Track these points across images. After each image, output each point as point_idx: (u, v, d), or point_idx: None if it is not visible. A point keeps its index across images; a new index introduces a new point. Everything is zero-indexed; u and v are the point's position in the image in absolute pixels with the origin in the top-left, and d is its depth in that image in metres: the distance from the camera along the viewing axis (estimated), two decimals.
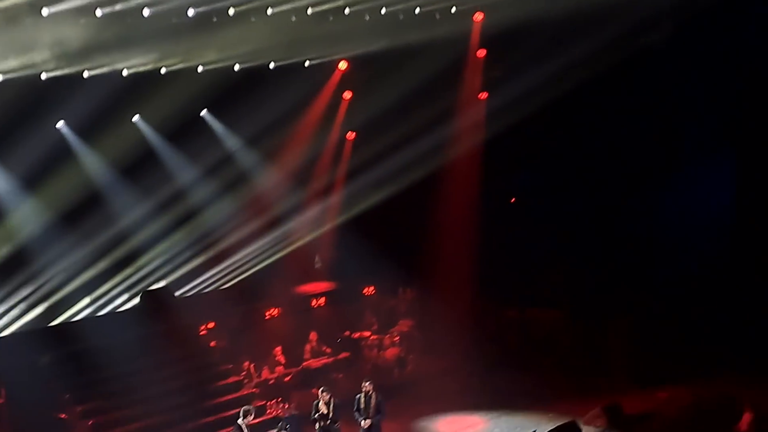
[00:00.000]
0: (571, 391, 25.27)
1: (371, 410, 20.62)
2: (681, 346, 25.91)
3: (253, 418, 19.88)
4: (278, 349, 26.35)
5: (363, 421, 20.59)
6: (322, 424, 20.54)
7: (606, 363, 26.47)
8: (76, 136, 24.36)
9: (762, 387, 22.84)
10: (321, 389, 20.87)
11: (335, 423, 20.59)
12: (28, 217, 23.82)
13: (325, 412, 20.48)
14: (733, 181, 27.24)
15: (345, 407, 20.79)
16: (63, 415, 21.69)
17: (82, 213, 24.26)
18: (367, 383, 20.89)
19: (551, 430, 21.74)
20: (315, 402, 20.73)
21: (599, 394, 24.11)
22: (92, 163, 24.78)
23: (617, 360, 26.30)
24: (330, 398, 20.57)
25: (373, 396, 20.72)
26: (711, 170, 27.31)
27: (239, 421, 19.36)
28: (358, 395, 20.78)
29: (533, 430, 21.93)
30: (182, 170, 26.31)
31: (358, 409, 20.69)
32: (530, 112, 26.49)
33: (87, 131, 24.14)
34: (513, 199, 30.48)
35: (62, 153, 23.95)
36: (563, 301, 28.20)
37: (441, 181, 28.93)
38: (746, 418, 20.27)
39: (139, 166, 25.09)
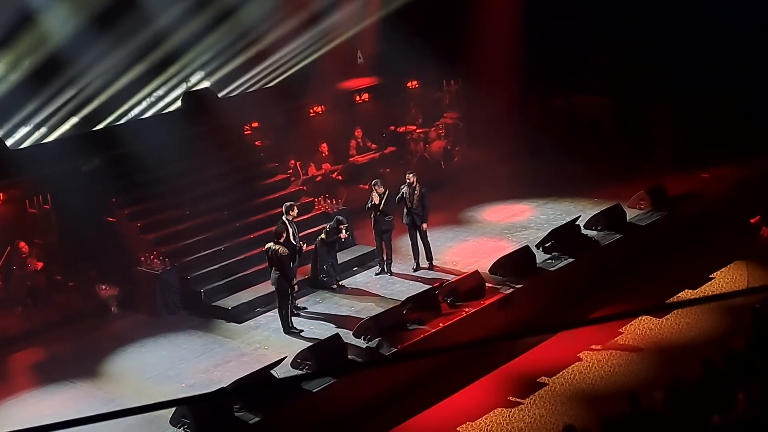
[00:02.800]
0: (615, 176, 25.30)
1: (415, 201, 20.69)
2: (723, 129, 25.71)
3: (298, 214, 20.05)
4: (324, 146, 26.37)
5: (424, 225, 20.82)
6: (374, 214, 20.72)
7: (650, 147, 26.38)
8: None
9: None
10: (374, 182, 20.93)
11: (386, 216, 20.73)
12: (59, 20, 23.39)
13: (377, 202, 20.62)
14: None
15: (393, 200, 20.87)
16: (111, 219, 21.91)
17: (115, 14, 23.66)
18: (411, 175, 20.92)
19: (596, 214, 21.92)
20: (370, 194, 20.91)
21: (643, 177, 24.11)
22: None
23: (661, 144, 26.19)
24: (384, 191, 20.64)
25: (417, 187, 20.75)
26: None
27: (284, 217, 19.46)
28: (402, 186, 20.83)
29: (578, 215, 22.03)
30: None
31: (402, 200, 20.77)
32: None
33: None
34: None
35: None
36: (608, 88, 27.70)
37: None
38: None
39: None
